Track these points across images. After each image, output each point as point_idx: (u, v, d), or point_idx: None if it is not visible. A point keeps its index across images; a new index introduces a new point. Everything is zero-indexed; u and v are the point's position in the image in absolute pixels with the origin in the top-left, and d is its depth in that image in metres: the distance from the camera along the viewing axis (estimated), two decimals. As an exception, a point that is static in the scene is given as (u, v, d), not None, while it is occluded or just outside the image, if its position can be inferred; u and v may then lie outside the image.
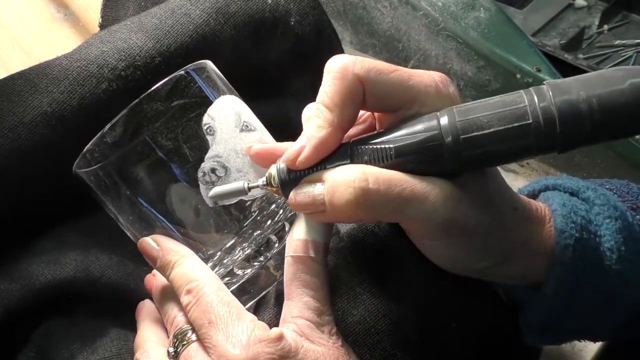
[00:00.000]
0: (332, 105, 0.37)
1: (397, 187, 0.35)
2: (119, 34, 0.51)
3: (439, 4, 0.89)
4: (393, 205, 0.36)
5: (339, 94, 0.37)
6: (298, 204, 0.37)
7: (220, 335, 0.36)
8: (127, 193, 0.40)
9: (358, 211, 0.36)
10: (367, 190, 0.35)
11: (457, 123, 0.35)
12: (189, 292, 0.39)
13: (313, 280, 0.38)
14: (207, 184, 0.40)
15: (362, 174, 0.36)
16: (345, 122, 0.38)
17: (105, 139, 0.40)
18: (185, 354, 0.38)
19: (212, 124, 0.41)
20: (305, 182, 0.37)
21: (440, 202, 0.36)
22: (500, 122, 0.35)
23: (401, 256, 0.43)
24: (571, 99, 0.34)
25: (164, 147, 0.39)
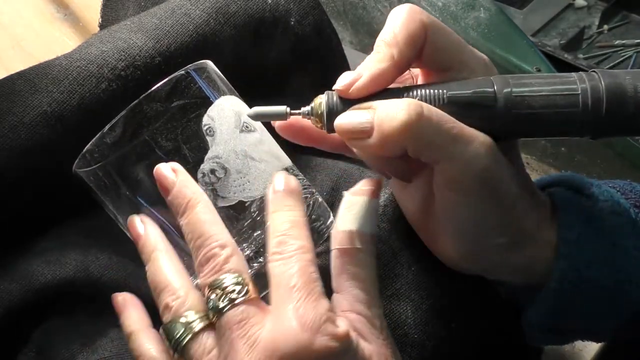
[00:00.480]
0: (394, 43, 0.37)
1: (448, 123, 0.36)
2: (119, 33, 0.51)
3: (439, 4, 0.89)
4: (442, 139, 0.36)
5: (402, 33, 0.37)
6: (343, 129, 0.37)
7: (295, 309, 0.34)
8: (127, 193, 0.40)
9: (407, 137, 0.35)
10: (421, 115, 0.35)
11: (511, 82, 0.37)
12: (280, 244, 0.36)
13: (361, 272, 0.38)
14: (207, 185, 0.40)
15: (416, 102, 0.35)
16: (403, 62, 0.38)
17: (105, 139, 0.40)
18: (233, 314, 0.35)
19: (212, 124, 0.40)
20: (354, 108, 0.37)
21: (484, 149, 0.36)
22: (551, 88, 0.37)
23: (401, 256, 0.43)
24: (618, 80, 0.36)
25: (164, 147, 0.39)
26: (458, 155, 0.36)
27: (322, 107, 0.38)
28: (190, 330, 0.37)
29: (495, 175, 0.37)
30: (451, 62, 0.39)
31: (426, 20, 0.38)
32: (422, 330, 0.42)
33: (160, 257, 0.39)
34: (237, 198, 0.41)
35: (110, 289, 0.48)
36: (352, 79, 0.37)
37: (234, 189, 0.40)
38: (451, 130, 0.35)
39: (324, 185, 0.51)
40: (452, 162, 0.36)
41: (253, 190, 0.41)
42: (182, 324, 0.37)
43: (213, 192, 0.40)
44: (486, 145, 0.36)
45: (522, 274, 0.41)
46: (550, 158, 0.82)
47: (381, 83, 0.37)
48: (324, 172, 0.53)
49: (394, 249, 0.43)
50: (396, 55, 0.37)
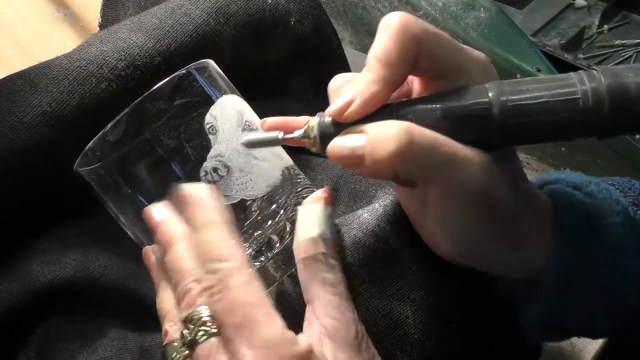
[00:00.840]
0: (386, 61, 0.36)
1: (441, 146, 0.35)
2: (118, 33, 0.51)
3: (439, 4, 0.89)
4: (435, 163, 0.35)
5: (395, 50, 0.36)
6: (336, 154, 0.36)
7: (247, 343, 0.33)
8: (129, 192, 0.40)
9: (399, 164, 0.35)
10: (411, 142, 0.34)
11: (507, 91, 0.35)
12: (215, 272, 0.35)
13: (331, 276, 0.38)
14: (210, 183, 0.40)
15: (407, 126, 0.35)
16: (397, 80, 0.37)
17: (107, 138, 0.40)
18: (203, 347, 0.35)
19: (215, 123, 0.40)
20: (346, 132, 0.36)
21: (480, 169, 0.35)
22: (549, 94, 0.35)
23: (401, 256, 0.43)
24: (620, 80, 0.34)
25: (166, 145, 0.39)
26: (451, 177, 0.35)
27: (314, 132, 0.37)
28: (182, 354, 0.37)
29: (490, 193, 0.36)
30: (448, 70, 0.37)
31: (419, 32, 0.36)
32: (422, 330, 0.42)
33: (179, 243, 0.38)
34: (240, 196, 0.41)
35: (110, 289, 0.48)
36: (345, 103, 0.36)
37: (237, 187, 0.40)
38: (444, 153, 0.35)
39: (324, 185, 0.51)
40: (446, 184, 0.36)
41: (255, 189, 0.41)
42: (175, 348, 0.37)
43: None
44: (481, 166, 0.35)
45: (520, 271, 0.41)
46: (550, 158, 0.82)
47: (375, 105, 0.36)
48: (324, 172, 0.53)
49: (394, 249, 0.43)
50: (389, 75, 0.36)
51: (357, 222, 0.44)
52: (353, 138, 0.36)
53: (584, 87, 0.34)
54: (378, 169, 0.35)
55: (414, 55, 0.36)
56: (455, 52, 0.37)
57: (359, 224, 0.44)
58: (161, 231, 0.39)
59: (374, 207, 0.46)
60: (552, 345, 0.58)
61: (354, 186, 0.51)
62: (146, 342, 0.46)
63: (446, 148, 0.35)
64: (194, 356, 0.36)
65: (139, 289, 0.48)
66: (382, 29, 0.37)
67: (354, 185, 0.51)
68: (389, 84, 0.36)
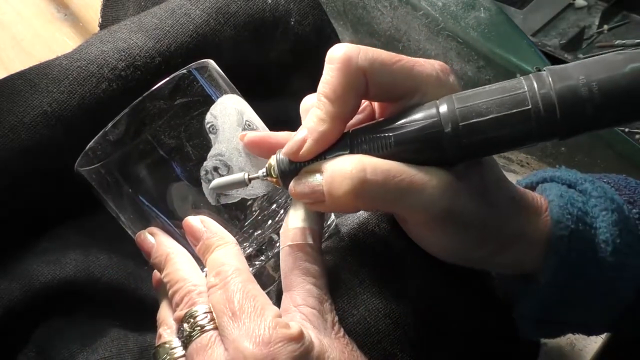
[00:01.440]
0: (334, 97, 0.37)
1: (395, 178, 0.35)
2: (119, 33, 0.51)
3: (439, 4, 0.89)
4: (391, 195, 0.36)
5: (341, 85, 0.37)
6: (298, 194, 0.38)
7: (242, 330, 0.35)
8: (129, 191, 0.40)
9: (356, 201, 0.36)
10: (364, 180, 0.35)
11: (457, 110, 0.35)
12: (217, 274, 0.38)
13: (313, 267, 0.38)
14: (210, 182, 0.40)
15: (360, 164, 0.35)
16: (347, 113, 0.37)
17: (108, 137, 0.40)
18: (200, 340, 0.37)
19: (215, 122, 0.41)
20: (305, 172, 0.38)
21: (438, 192, 0.36)
22: (499, 108, 0.34)
23: (401, 256, 0.43)
24: (571, 84, 0.33)
25: (167, 145, 0.39)
26: (412, 205, 0.36)
27: (275, 170, 0.38)
28: (172, 355, 0.39)
29: (456, 210, 0.37)
30: (400, 93, 0.38)
31: (363, 64, 0.36)
32: (422, 330, 0.42)
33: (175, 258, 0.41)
34: (240, 195, 0.41)
35: (110, 289, 0.48)
36: (298, 144, 0.37)
37: None
38: (400, 183, 0.35)
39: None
40: (409, 212, 0.37)
41: (255, 188, 0.41)
42: (166, 349, 0.39)
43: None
44: (439, 189, 0.36)
45: (512, 269, 0.42)
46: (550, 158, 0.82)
47: (327, 142, 0.37)
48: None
49: (394, 249, 0.43)
50: (337, 111, 0.37)
51: (357, 222, 0.44)
52: (311, 178, 0.37)
53: (534, 95, 0.34)
54: (338, 206, 0.36)
55: (361, 87, 0.37)
56: (402, 75, 0.37)
57: (359, 224, 0.44)
58: (156, 251, 0.41)
59: (374, 207, 0.46)
60: (552, 345, 0.58)
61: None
62: (146, 342, 0.46)
63: (401, 178, 0.35)
64: (191, 349, 0.37)
65: (139, 289, 0.48)
66: (327, 63, 0.37)
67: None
68: (339, 120, 0.37)
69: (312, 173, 0.37)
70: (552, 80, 0.34)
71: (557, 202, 0.40)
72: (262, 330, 0.35)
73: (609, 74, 0.33)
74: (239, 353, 0.35)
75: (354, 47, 0.37)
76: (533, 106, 0.34)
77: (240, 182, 0.39)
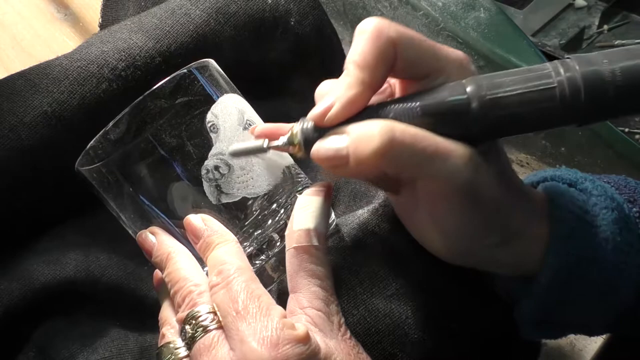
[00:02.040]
0: (363, 65, 0.37)
1: (422, 142, 0.35)
2: (119, 34, 0.51)
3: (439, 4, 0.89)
4: (417, 159, 0.35)
5: (371, 54, 0.37)
6: (321, 156, 0.37)
7: (248, 330, 0.35)
8: (130, 190, 0.40)
9: (382, 161, 0.35)
10: (393, 139, 0.35)
11: (484, 86, 0.36)
12: (220, 273, 0.38)
13: (319, 269, 0.38)
14: (211, 181, 0.40)
15: (388, 124, 0.35)
16: (375, 82, 0.37)
17: (109, 136, 0.40)
18: (204, 341, 0.37)
19: (216, 121, 0.41)
20: (329, 134, 0.37)
21: (462, 162, 0.36)
22: (525, 85, 0.35)
23: (401, 256, 0.43)
24: (595, 68, 0.35)
25: (168, 144, 0.39)
26: (436, 172, 0.36)
27: (298, 137, 0.38)
28: (176, 355, 0.38)
29: (477, 185, 0.37)
30: (425, 70, 0.38)
31: (394, 35, 0.37)
32: (422, 330, 0.42)
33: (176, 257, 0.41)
34: (241, 194, 0.41)
35: (110, 289, 0.48)
36: (325, 108, 0.37)
37: (238, 185, 0.40)
38: (426, 149, 0.35)
39: (324, 185, 0.51)
40: (432, 179, 0.36)
41: (256, 187, 0.41)
42: (170, 349, 0.39)
43: (217, 189, 0.40)
44: (464, 158, 0.36)
45: (512, 268, 0.42)
46: (550, 158, 0.82)
47: (354, 108, 0.37)
48: (324, 171, 0.53)
49: (394, 249, 0.43)
50: (367, 78, 0.37)
51: (357, 222, 0.44)
52: (336, 139, 0.36)
53: (560, 77, 0.35)
54: (362, 168, 0.36)
55: (391, 58, 0.37)
56: (430, 53, 0.38)
57: (359, 224, 0.44)
58: (157, 250, 0.41)
59: (374, 207, 0.46)
60: (552, 345, 0.58)
61: (354, 186, 0.51)
62: (146, 342, 0.46)
63: (428, 143, 0.35)
64: (194, 350, 0.37)
65: (139, 289, 0.48)
66: (358, 34, 0.37)
67: (354, 185, 0.51)
68: (367, 87, 0.37)
69: (337, 135, 0.37)
70: (577, 64, 0.35)
71: (557, 200, 0.40)
72: (269, 331, 0.35)
73: (632, 61, 0.35)
74: (246, 354, 0.34)
75: (384, 20, 0.37)
76: (558, 85, 0.35)
77: (260, 148, 0.39)
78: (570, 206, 0.40)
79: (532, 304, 0.41)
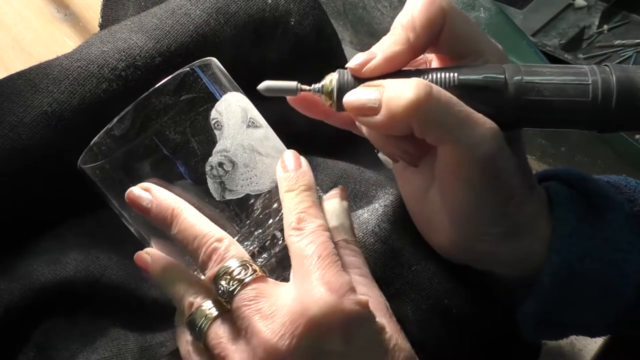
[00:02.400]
0: (410, 27, 0.38)
1: (456, 105, 0.36)
2: (119, 34, 0.51)
3: (439, 4, 0.89)
4: (449, 120, 0.36)
5: (421, 17, 0.37)
6: (352, 104, 0.37)
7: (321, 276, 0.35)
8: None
9: (414, 116, 0.35)
10: (429, 95, 0.35)
11: (523, 70, 0.37)
12: (301, 220, 0.37)
13: (356, 259, 0.39)
14: (215, 178, 0.40)
15: (425, 82, 0.36)
16: (419, 46, 0.38)
17: (113, 132, 0.41)
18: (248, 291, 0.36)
19: (220, 119, 0.41)
20: (364, 85, 0.37)
21: (490, 134, 0.36)
22: (561, 77, 0.37)
23: (401, 256, 0.43)
24: (630, 75, 0.36)
25: (172, 140, 0.39)
26: (464, 138, 0.36)
27: (332, 85, 0.38)
28: (209, 318, 0.37)
29: (498, 162, 0.37)
30: (467, 50, 0.39)
31: (446, 7, 0.38)
32: (422, 330, 0.42)
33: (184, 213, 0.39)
34: (245, 191, 0.41)
35: (110, 289, 0.48)
36: (366, 59, 0.37)
37: (242, 182, 0.41)
38: (459, 113, 0.36)
39: (324, 185, 0.51)
40: (457, 145, 0.36)
41: (260, 184, 0.41)
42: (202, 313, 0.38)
43: (221, 185, 0.40)
44: (492, 131, 0.36)
45: (514, 266, 0.41)
46: (550, 158, 0.82)
47: (394, 65, 0.38)
48: (324, 172, 0.53)
49: (394, 249, 0.43)
50: (412, 39, 0.37)
51: (357, 222, 0.44)
52: (371, 90, 0.37)
53: (595, 77, 0.36)
54: (393, 121, 0.36)
55: (438, 26, 0.38)
56: (475, 33, 0.39)
57: (359, 224, 0.44)
58: (158, 208, 0.39)
59: (374, 207, 0.46)
60: (552, 345, 0.58)
61: (354, 186, 0.51)
62: (146, 342, 0.46)
63: (461, 108, 0.36)
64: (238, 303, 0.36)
65: (139, 288, 0.48)
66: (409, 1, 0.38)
67: (354, 185, 0.51)
68: (410, 48, 0.37)
69: (372, 87, 0.37)
70: (613, 69, 0.37)
71: (558, 200, 0.40)
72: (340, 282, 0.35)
73: None
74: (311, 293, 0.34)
75: None
76: (592, 84, 0.36)
77: (292, 89, 0.40)
78: (571, 206, 0.40)
79: (533, 305, 0.41)
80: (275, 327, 0.34)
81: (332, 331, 0.34)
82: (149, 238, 0.42)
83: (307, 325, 0.34)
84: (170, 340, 0.46)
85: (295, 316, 0.34)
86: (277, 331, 0.34)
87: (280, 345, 0.34)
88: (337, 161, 0.54)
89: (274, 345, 0.34)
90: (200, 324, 0.37)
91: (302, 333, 0.34)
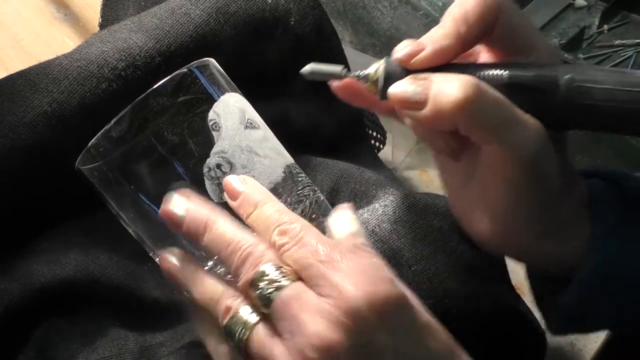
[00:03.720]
0: (462, 20, 0.37)
1: (504, 104, 0.35)
2: (119, 33, 0.51)
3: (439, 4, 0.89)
4: (496, 121, 0.35)
5: (474, 11, 0.36)
6: (397, 96, 0.36)
7: (340, 275, 0.34)
8: (131, 189, 0.40)
9: (461, 113, 0.35)
10: (479, 93, 0.34)
11: (577, 72, 0.36)
12: (284, 233, 0.36)
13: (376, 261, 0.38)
14: (212, 179, 0.40)
15: (474, 79, 0.35)
16: (470, 40, 0.37)
17: (110, 134, 0.40)
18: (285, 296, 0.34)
19: (218, 120, 0.41)
20: (412, 76, 0.36)
21: (535, 135, 0.36)
22: (615, 83, 0.36)
23: (401, 256, 0.43)
24: None
25: (170, 142, 0.39)
26: (509, 139, 0.35)
27: (378, 73, 0.37)
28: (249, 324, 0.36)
29: (542, 163, 0.36)
30: (520, 46, 0.38)
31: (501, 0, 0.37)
32: (422, 330, 0.42)
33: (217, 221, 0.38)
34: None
35: (110, 289, 0.48)
36: (415, 50, 0.37)
37: None
38: (506, 113, 0.35)
39: (324, 185, 0.51)
40: (502, 146, 0.36)
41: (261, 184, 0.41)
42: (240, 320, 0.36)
43: (219, 187, 0.40)
44: (539, 132, 0.36)
45: (553, 262, 0.41)
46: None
47: (443, 58, 0.37)
48: (324, 172, 0.53)
49: (394, 249, 0.43)
50: (463, 33, 0.37)
51: (357, 222, 0.44)
52: (418, 82, 0.36)
53: None
54: (438, 117, 0.35)
55: (491, 21, 0.37)
56: (529, 30, 0.38)
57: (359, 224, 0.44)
58: (190, 219, 0.38)
59: (374, 207, 0.46)
60: (552, 346, 0.58)
61: (354, 186, 0.51)
62: (146, 342, 0.46)
63: (508, 109, 0.35)
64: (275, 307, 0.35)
65: (139, 288, 0.48)
66: None
67: (354, 185, 0.51)
68: (461, 41, 0.37)
69: (419, 80, 0.36)
70: None
71: (599, 198, 0.40)
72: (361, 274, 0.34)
73: None
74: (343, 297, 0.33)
75: None
76: None
77: (337, 74, 0.39)
78: (612, 205, 0.40)
79: (569, 302, 0.40)
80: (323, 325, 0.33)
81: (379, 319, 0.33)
82: (148, 240, 0.42)
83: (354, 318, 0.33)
84: (170, 340, 0.46)
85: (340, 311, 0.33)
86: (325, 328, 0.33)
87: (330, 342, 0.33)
88: (337, 161, 0.54)
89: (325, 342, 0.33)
90: (239, 332, 0.36)
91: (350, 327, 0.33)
